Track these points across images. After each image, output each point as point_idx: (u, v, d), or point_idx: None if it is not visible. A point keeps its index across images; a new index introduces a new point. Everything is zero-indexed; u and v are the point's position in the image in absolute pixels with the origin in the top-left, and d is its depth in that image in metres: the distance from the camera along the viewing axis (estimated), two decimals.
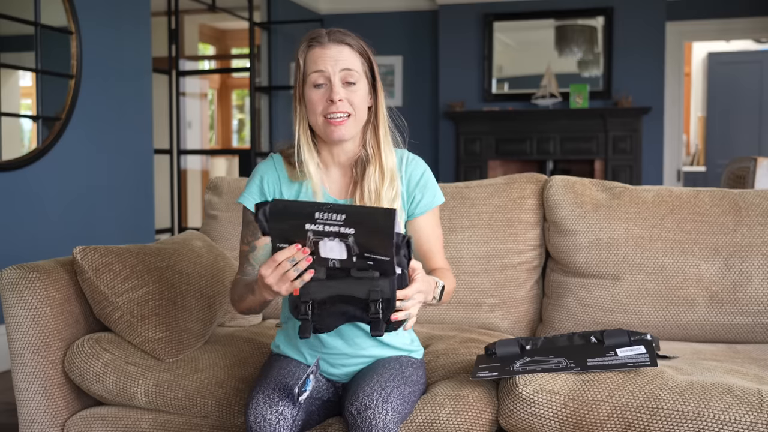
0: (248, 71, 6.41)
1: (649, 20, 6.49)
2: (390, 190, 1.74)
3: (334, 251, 1.47)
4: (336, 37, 1.71)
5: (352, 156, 1.79)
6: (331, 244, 1.46)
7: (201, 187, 7.67)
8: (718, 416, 1.61)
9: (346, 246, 1.46)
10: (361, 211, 1.44)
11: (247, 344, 2.13)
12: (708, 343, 2.18)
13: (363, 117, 1.74)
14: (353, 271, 1.49)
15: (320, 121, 1.71)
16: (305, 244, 1.46)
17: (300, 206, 1.46)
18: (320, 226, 1.44)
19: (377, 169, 1.75)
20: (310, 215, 1.43)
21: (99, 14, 4.21)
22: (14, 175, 3.71)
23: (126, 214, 4.51)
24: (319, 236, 1.45)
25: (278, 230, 1.47)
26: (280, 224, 1.46)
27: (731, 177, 3.54)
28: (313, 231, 1.44)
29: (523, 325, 2.35)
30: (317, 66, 1.69)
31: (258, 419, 1.57)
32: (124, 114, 4.48)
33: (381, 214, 1.43)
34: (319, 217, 1.43)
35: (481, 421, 1.74)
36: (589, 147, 6.58)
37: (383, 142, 1.77)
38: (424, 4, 7.11)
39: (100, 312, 2.06)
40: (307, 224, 1.44)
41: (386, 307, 1.49)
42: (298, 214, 1.44)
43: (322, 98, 1.70)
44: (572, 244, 2.26)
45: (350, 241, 1.45)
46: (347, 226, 1.43)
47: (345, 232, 1.44)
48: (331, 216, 1.43)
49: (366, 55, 1.74)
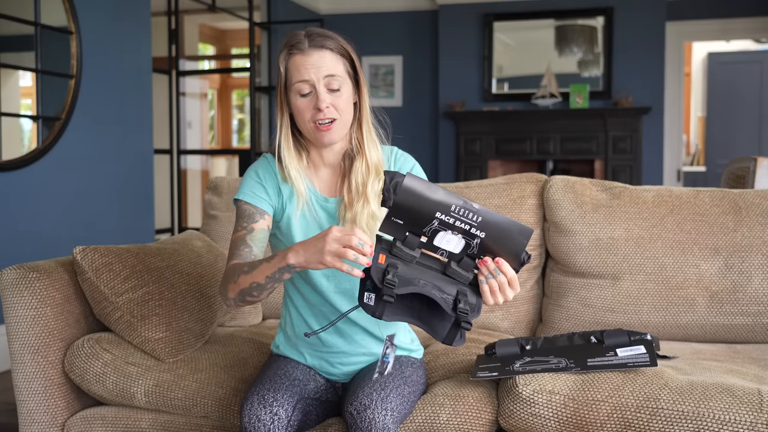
0: (248, 71, 6.41)
1: (649, 20, 6.49)
2: (376, 184, 1.75)
3: (450, 244, 1.45)
4: (316, 42, 1.70)
5: (340, 153, 1.80)
6: (450, 237, 1.43)
7: (201, 187, 7.68)
8: (718, 416, 1.61)
9: (466, 244, 1.44)
10: (499, 220, 1.42)
11: (247, 344, 2.13)
12: (708, 343, 2.18)
13: (349, 118, 1.75)
14: (452, 264, 1.46)
15: (309, 127, 1.72)
16: (423, 228, 1.43)
17: (437, 191, 1.40)
18: (452, 219, 1.41)
19: (363, 162, 1.76)
20: (446, 206, 1.40)
21: (99, 14, 4.21)
22: (14, 175, 3.71)
23: (126, 214, 4.51)
24: (445, 227, 1.42)
25: (402, 206, 1.41)
26: (408, 201, 1.40)
27: (731, 177, 3.54)
28: (441, 221, 1.41)
29: (523, 325, 2.35)
30: (301, 75, 1.69)
31: (252, 420, 1.57)
32: (124, 114, 4.48)
33: (518, 230, 1.42)
34: (454, 210, 1.40)
35: (481, 421, 1.74)
36: (589, 147, 6.58)
37: (366, 137, 1.78)
38: (424, 4, 7.11)
39: (100, 312, 2.06)
40: (438, 212, 1.40)
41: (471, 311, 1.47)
42: (432, 200, 1.40)
43: (309, 106, 1.70)
44: (572, 244, 2.26)
45: (474, 242, 1.43)
46: (480, 229, 1.41)
47: (474, 233, 1.42)
48: (467, 214, 1.40)
49: (347, 55, 1.74)
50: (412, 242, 1.46)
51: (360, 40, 1.78)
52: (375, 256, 1.44)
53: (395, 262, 1.45)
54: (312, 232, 1.75)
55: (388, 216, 1.44)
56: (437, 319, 1.51)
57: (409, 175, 1.41)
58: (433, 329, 1.52)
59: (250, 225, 1.74)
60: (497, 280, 1.48)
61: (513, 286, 1.50)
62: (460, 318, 1.46)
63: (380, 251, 1.46)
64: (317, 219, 1.77)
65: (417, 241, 1.46)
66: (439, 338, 1.51)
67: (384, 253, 1.46)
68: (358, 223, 1.71)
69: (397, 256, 1.46)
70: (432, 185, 1.42)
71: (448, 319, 1.51)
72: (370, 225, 1.71)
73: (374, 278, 1.43)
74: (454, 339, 1.51)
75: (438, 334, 1.51)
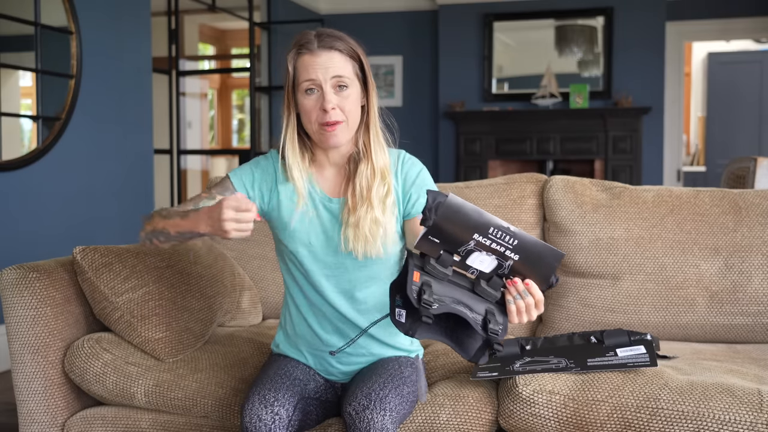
0: (248, 71, 6.40)
1: (649, 20, 6.49)
2: (381, 188, 1.73)
3: (483, 264, 1.45)
4: (325, 43, 1.70)
5: (346, 155, 1.79)
6: (484, 257, 1.44)
7: (201, 187, 7.68)
8: (718, 416, 1.61)
9: (498, 265, 1.44)
10: (534, 244, 1.42)
11: (247, 344, 2.13)
12: (708, 343, 2.18)
13: (356, 120, 1.74)
14: (482, 283, 1.47)
15: (315, 127, 1.71)
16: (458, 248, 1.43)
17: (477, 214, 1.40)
18: (488, 241, 1.41)
19: (368, 166, 1.75)
20: (485, 228, 1.40)
21: (99, 14, 4.21)
22: (14, 175, 3.71)
23: (126, 214, 4.51)
24: (480, 248, 1.42)
25: (442, 226, 1.41)
26: (448, 222, 1.40)
27: (731, 177, 3.54)
28: (477, 242, 1.41)
29: (523, 325, 2.35)
30: (308, 75, 1.69)
31: (253, 419, 1.57)
32: (124, 114, 4.48)
33: (551, 254, 1.43)
34: (492, 233, 1.40)
35: (481, 421, 1.74)
36: (589, 147, 6.58)
37: (374, 140, 1.77)
38: (424, 4, 7.11)
39: (100, 312, 2.06)
40: (477, 234, 1.40)
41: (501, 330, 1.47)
42: (471, 222, 1.40)
43: (315, 106, 1.69)
44: (572, 244, 2.26)
45: (507, 264, 1.44)
46: (515, 252, 1.42)
47: (508, 255, 1.43)
48: (504, 237, 1.40)
49: (356, 57, 1.73)
50: (446, 261, 1.45)
51: (360, 40, 1.78)
52: (410, 274, 1.44)
53: (428, 280, 1.44)
54: (313, 232, 1.75)
55: (425, 234, 1.43)
56: (465, 337, 1.51)
57: (452, 195, 1.40)
58: (462, 347, 1.51)
59: (216, 194, 1.77)
60: (525, 302, 1.48)
61: (539, 308, 1.50)
62: (491, 339, 1.47)
63: (414, 268, 1.45)
64: (320, 219, 1.76)
65: (451, 259, 1.45)
66: (466, 357, 1.51)
67: (417, 270, 1.45)
68: (361, 228, 1.70)
69: (430, 273, 1.46)
70: (472, 207, 1.42)
71: (476, 337, 1.50)
72: (373, 230, 1.70)
73: (410, 297, 1.42)
74: (480, 357, 1.51)
75: (466, 353, 1.51)
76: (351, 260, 1.74)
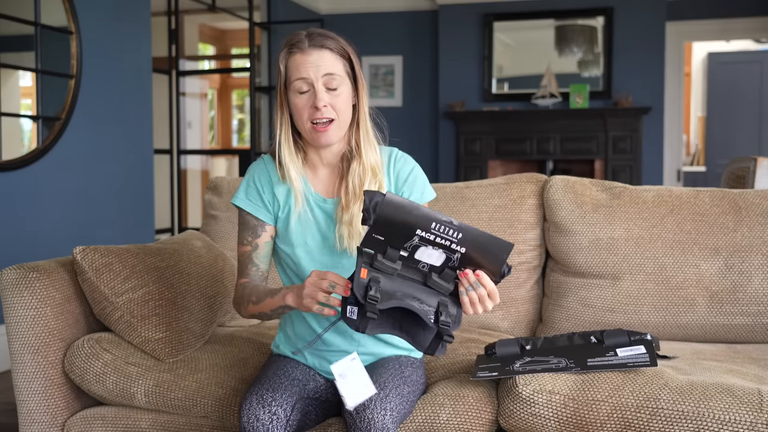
0: (248, 71, 6.41)
1: (649, 20, 6.49)
2: (372, 185, 1.76)
3: (431, 258, 1.47)
4: (316, 42, 1.71)
5: (338, 154, 1.80)
6: (431, 252, 1.45)
7: (201, 187, 7.67)
8: (718, 416, 1.61)
9: (447, 258, 1.46)
10: (480, 237, 1.44)
11: (247, 344, 2.13)
12: (708, 343, 2.18)
13: (347, 119, 1.76)
14: (433, 276, 1.49)
15: (307, 126, 1.73)
16: (403, 244, 1.45)
17: (417, 210, 1.43)
18: (432, 236, 1.43)
19: (360, 165, 1.77)
20: (426, 223, 1.42)
21: (99, 14, 4.21)
22: (14, 175, 3.71)
23: (126, 214, 4.51)
24: (425, 243, 1.44)
25: (382, 224, 1.43)
26: (388, 220, 1.43)
27: (731, 177, 3.54)
28: (421, 237, 1.43)
29: (523, 325, 2.35)
30: (300, 73, 1.70)
31: (251, 419, 1.57)
32: (125, 114, 4.48)
33: (498, 246, 1.44)
34: (434, 228, 1.42)
35: (481, 421, 1.74)
36: (589, 147, 6.58)
37: (364, 139, 1.78)
38: (424, 4, 7.11)
39: (100, 312, 2.06)
40: (419, 230, 1.42)
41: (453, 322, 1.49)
42: (412, 219, 1.42)
43: (307, 104, 1.71)
44: (572, 244, 2.26)
45: (455, 256, 1.45)
46: (460, 245, 1.43)
47: (455, 249, 1.44)
48: (447, 231, 1.42)
49: (347, 55, 1.74)
50: (393, 256, 1.48)
51: (360, 40, 1.79)
52: (357, 271, 1.47)
53: (377, 276, 1.47)
54: (309, 232, 1.76)
55: (369, 233, 1.46)
56: (419, 330, 1.53)
57: (389, 194, 1.43)
58: (415, 340, 1.53)
59: (255, 240, 1.79)
60: (477, 293, 1.50)
61: (493, 298, 1.52)
62: (442, 331, 1.48)
63: (362, 265, 1.48)
64: (315, 219, 1.77)
65: (397, 254, 1.48)
66: (421, 349, 1.53)
67: (366, 267, 1.48)
68: (355, 226, 1.72)
69: (379, 269, 1.48)
70: (412, 203, 1.44)
71: (429, 330, 1.52)
72: None
73: (357, 294, 1.45)
74: (436, 349, 1.52)
75: (420, 345, 1.53)
76: (347, 259, 1.75)
